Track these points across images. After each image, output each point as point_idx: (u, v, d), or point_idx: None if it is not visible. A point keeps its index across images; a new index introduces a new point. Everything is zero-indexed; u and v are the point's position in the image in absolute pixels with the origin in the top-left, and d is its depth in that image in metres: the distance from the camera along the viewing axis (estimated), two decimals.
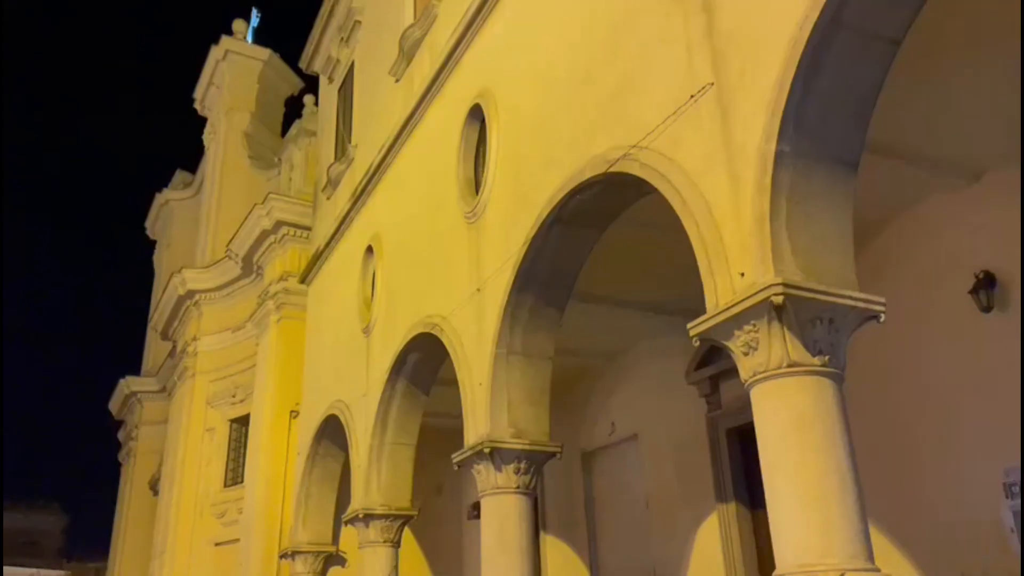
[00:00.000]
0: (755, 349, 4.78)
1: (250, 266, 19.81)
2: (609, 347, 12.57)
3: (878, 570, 4.28)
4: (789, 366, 4.62)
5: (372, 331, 12.24)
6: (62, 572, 48.93)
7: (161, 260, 31.67)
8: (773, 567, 4.57)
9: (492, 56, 9.54)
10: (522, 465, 8.15)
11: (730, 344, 4.98)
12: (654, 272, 9.67)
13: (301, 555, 13.70)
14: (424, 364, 10.90)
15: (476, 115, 9.74)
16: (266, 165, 22.80)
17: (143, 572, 23.51)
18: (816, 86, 4.87)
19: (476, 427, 8.44)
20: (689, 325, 5.28)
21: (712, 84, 5.55)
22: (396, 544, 11.27)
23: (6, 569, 58.47)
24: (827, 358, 4.64)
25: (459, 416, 8.82)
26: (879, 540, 5.75)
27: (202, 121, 26.80)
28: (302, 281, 16.63)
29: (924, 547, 7.40)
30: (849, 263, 4.99)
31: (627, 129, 6.47)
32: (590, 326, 11.08)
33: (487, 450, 8.05)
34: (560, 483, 13.38)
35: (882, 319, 4.86)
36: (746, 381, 4.91)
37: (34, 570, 52.30)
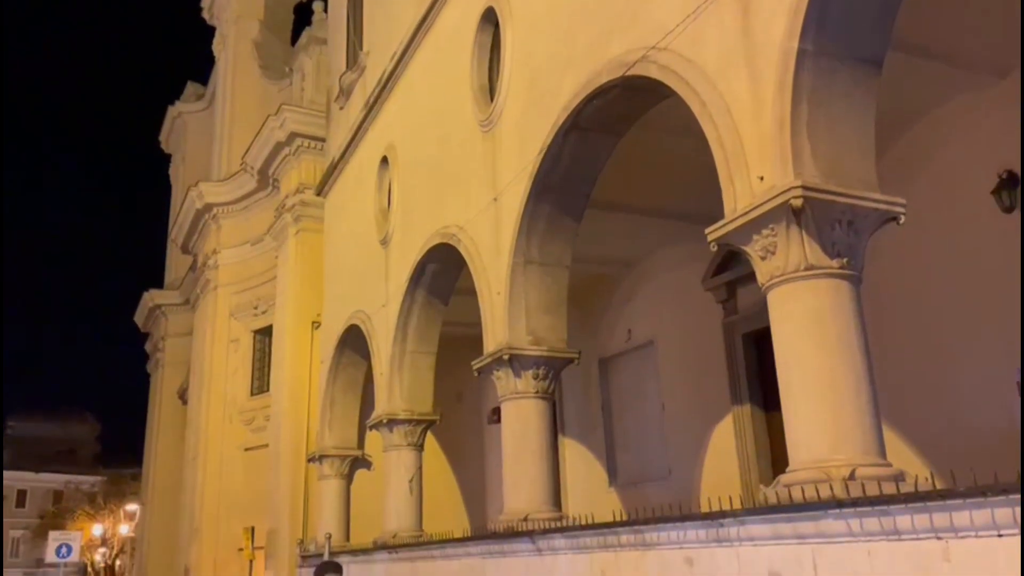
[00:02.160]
0: (773, 253, 4.79)
1: (266, 179, 19.81)
2: (626, 255, 12.58)
3: (889, 465, 4.40)
4: (807, 269, 4.64)
5: (390, 242, 12.30)
6: (98, 478, 51.02)
7: (177, 174, 31.68)
8: (786, 466, 4.71)
9: None
10: (540, 371, 8.31)
11: (748, 248, 4.99)
12: (672, 179, 9.59)
13: (328, 459, 14.17)
14: (442, 274, 10.98)
15: (490, 18, 9.50)
16: (277, 75, 22.47)
17: (176, 477, 24.46)
18: None
19: (495, 335, 8.57)
20: (707, 230, 5.28)
21: None
22: (419, 447, 11.62)
23: (47, 475, 60.99)
24: (845, 260, 4.65)
25: (478, 325, 8.94)
26: (892, 439, 5.87)
27: (211, 31, 26.31)
28: (318, 193, 16.62)
29: (937, 446, 7.54)
30: (870, 164, 4.94)
31: (645, 30, 6.31)
32: (607, 234, 11.07)
33: (506, 357, 8.20)
34: (578, 388, 13.63)
35: (902, 220, 4.84)
36: (763, 285, 4.94)
37: (71, 476, 54.65)
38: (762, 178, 4.94)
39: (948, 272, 7.92)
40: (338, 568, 7.48)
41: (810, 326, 4.62)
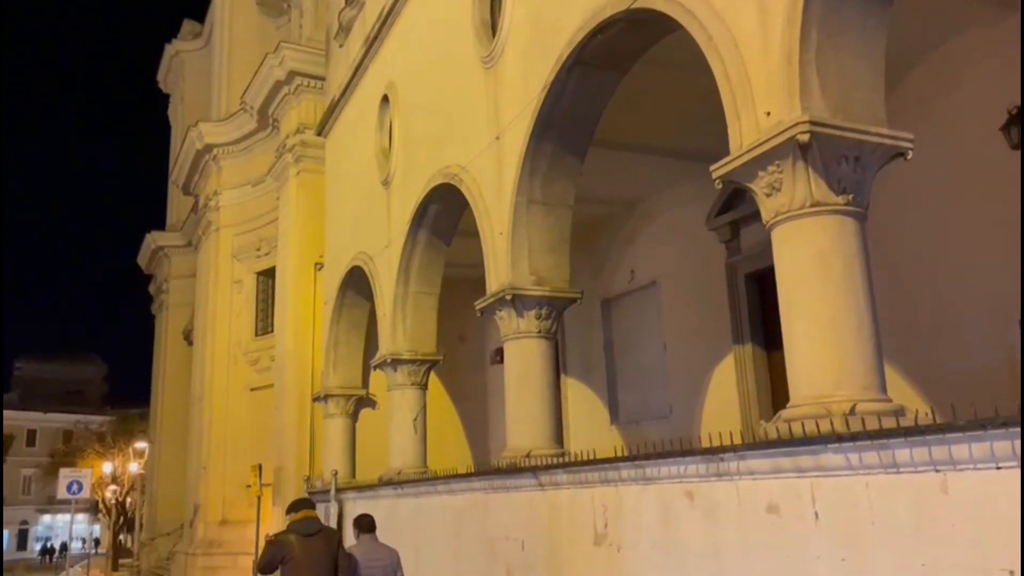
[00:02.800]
0: (778, 190, 4.75)
1: (266, 119, 19.58)
2: (630, 195, 12.51)
3: (890, 401, 4.43)
4: (812, 206, 4.61)
5: (391, 182, 12.22)
6: (106, 418, 51.74)
7: (176, 114, 31.33)
8: (787, 405, 4.74)
9: None
10: (543, 311, 8.33)
11: (753, 185, 4.95)
12: (677, 116, 9.47)
13: (333, 398, 14.34)
14: (444, 215, 10.94)
15: None
16: (275, 12, 22.03)
17: (184, 416, 24.80)
18: None
19: (498, 275, 8.57)
20: (712, 167, 5.23)
21: None
22: (423, 387, 11.74)
23: (55, 415, 61.89)
24: (851, 197, 4.62)
25: (481, 266, 8.94)
26: (894, 377, 5.92)
27: None
28: (319, 133, 16.45)
29: (939, 384, 7.58)
30: (879, 99, 4.86)
31: None
32: (611, 174, 10.98)
33: (509, 297, 8.22)
34: (580, 329, 13.70)
35: (909, 156, 4.78)
36: (767, 223, 4.92)
37: (80, 416, 55.44)
38: (769, 113, 4.87)
39: (953, 209, 7.87)
40: (311, 504, 7.46)
41: (814, 263, 4.60)
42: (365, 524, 7.53)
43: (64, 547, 47.03)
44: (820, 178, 4.59)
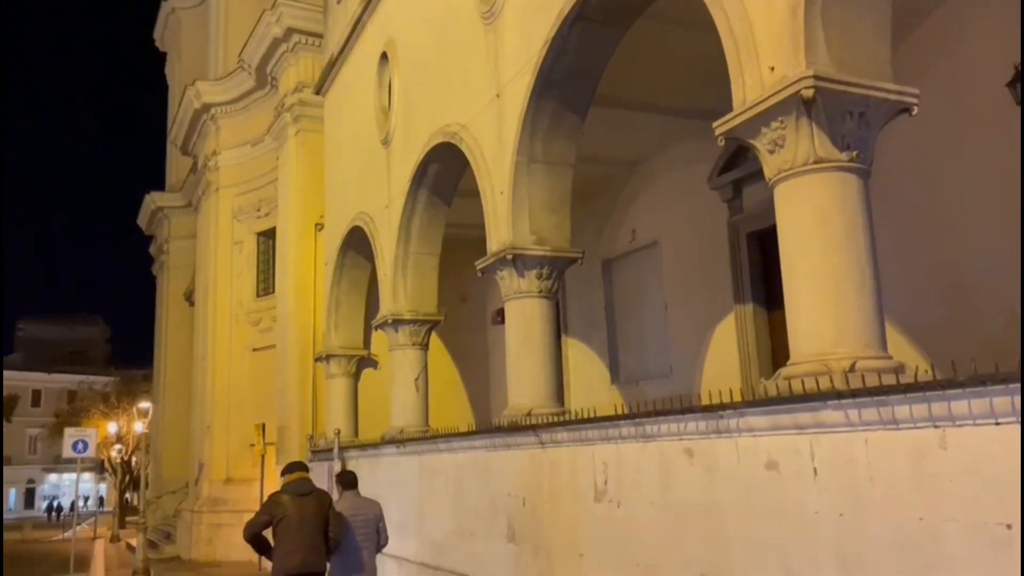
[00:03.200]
0: (781, 147, 4.71)
1: (264, 77, 19.38)
2: (631, 154, 12.42)
3: (890, 358, 4.44)
4: (815, 162, 4.57)
5: (391, 142, 12.13)
6: (110, 378, 52.09)
7: (173, 73, 31.02)
8: (787, 363, 4.75)
9: None
10: (544, 270, 8.32)
11: (755, 142, 4.90)
12: (679, 73, 9.35)
13: (335, 358, 14.41)
14: (445, 174, 10.87)
15: None
16: None
17: (187, 376, 24.96)
18: None
19: (498, 235, 8.55)
20: (715, 124, 5.18)
21: None
22: (424, 347, 11.78)
23: (59, 376, 62.30)
24: (855, 153, 4.57)
25: (482, 226, 8.91)
26: (895, 335, 5.92)
27: None
28: (317, 92, 16.28)
29: (940, 341, 7.59)
30: (884, 54, 4.78)
31: None
32: (612, 132, 10.89)
33: (510, 256, 8.20)
34: (581, 289, 13.70)
35: (914, 111, 4.72)
36: (770, 180, 4.88)
37: (83, 376, 55.82)
38: (773, 68, 4.80)
39: (958, 165, 7.80)
40: (304, 467, 7.77)
41: (816, 220, 4.58)
42: (348, 480, 7.94)
43: (72, 505, 47.67)
44: (824, 134, 4.54)
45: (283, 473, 7.69)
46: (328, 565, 7.33)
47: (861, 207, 4.58)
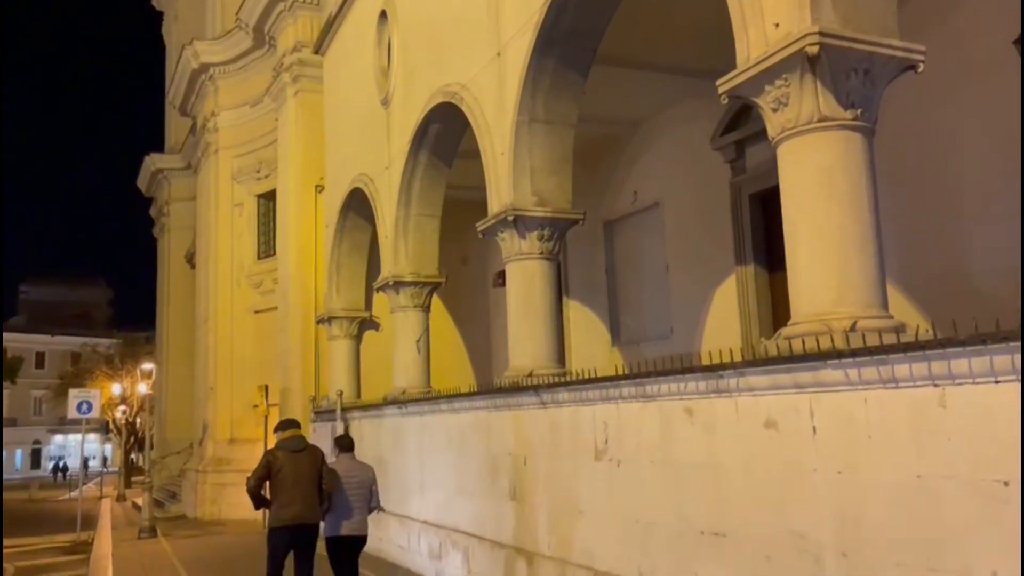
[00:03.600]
0: (785, 105, 4.66)
1: (262, 37, 19.13)
2: (633, 114, 12.30)
3: (891, 317, 4.44)
4: (819, 120, 4.52)
5: (391, 102, 12.02)
6: (113, 340, 52.31)
7: (171, 32, 30.65)
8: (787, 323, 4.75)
9: None
10: (545, 232, 8.29)
11: (759, 100, 4.84)
12: (682, 32, 9.22)
13: (337, 320, 14.45)
14: (445, 135, 10.79)
15: None
16: None
17: (189, 338, 25.05)
18: None
19: (499, 196, 8.51)
20: (718, 82, 5.12)
21: None
22: (426, 309, 11.81)
23: (63, 338, 62.61)
24: (859, 111, 4.52)
25: (483, 189, 8.86)
26: (896, 296, 5.90)
27: None
28: (316, 51, 16.09)
29: (941, 301, 7.59)
30: (891, 10, 4.71)
31: None
32: (614, 92, 10.77)
33: (511, 218, 8.17)
34: (582, 251, 13.67)
35: (920, 69, 4.66)
36: (773, 139, 4.83)
37: (87, 339, 56.05)
38: (777, 25, 4.73)
39: (963, 123, 7.73)
40: (297, 424, 8.15)
41: (820, 179, 4.54)
42: (344, 443, 8.34)
43: (85, 464, 48.49)
44: (828, 92, 4.49)
45: (276, 430, 8.02)
46: (322, 522, 7.71)
47: (865, 166, 4.54)
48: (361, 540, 7.98)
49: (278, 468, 7.48)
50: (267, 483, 7.57)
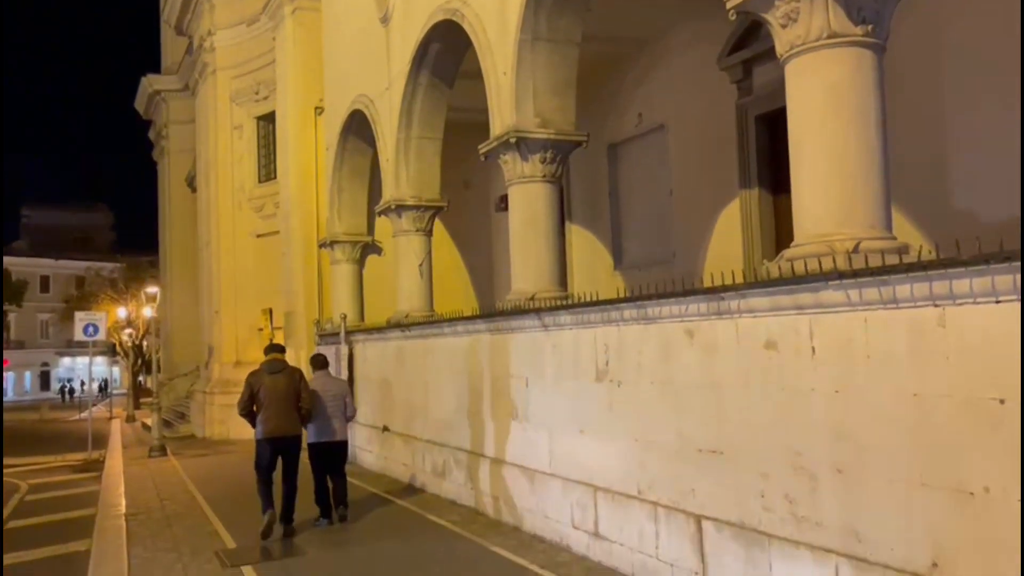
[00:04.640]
0: (795, 20, 4.54)
1: None
2: (639, 33, 12.00)
3: (894, 239, 4.42)
4: (829, 37, 4.41)
5: (391, 20, 11.74)
6: (117, 264, 52.45)
7: None
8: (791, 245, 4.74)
9: None
10: (548, 154, 8.21)
11: (768, 16, 4.72)
12: None
13: (339, 244, 14.45)
14: (446, 54, 10.57)
15: None
16: None
17: (192, 262, 25.11)
18: None
19: (502, 117, 8.39)
20: None
21: None
22: (428, 233, 11.78)
23: (66, 262, 62.77)
24: (870, 28, 4.41)
25: (485, 111, 8.72)
26: (900, 220, 5.87)
27: None
28: None
29: (944, 225, 7.55)
30: None
31: None
32: (620, 8, 10.47)
33: (513, 140, 8.07)
34: (585, 174, 13.55)
35: None
36: (782, 56, 4.73)
37: (91, 263, 56.19)
38: None
39: (971, 48, 7.54)
40: (280, 349, 8.96)
41: (827, 97, 4.46)
42: (319, 362, 9.29)
43: (105, 384, 49.76)
44: (839, 7, 4.37)
45: (265, 353, 8.83)
46: (304, 431, 8.63)
47: (874, 84, 4.46)
48: (340, 444, 8.95)
49: (258, 388, 8.33)
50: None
